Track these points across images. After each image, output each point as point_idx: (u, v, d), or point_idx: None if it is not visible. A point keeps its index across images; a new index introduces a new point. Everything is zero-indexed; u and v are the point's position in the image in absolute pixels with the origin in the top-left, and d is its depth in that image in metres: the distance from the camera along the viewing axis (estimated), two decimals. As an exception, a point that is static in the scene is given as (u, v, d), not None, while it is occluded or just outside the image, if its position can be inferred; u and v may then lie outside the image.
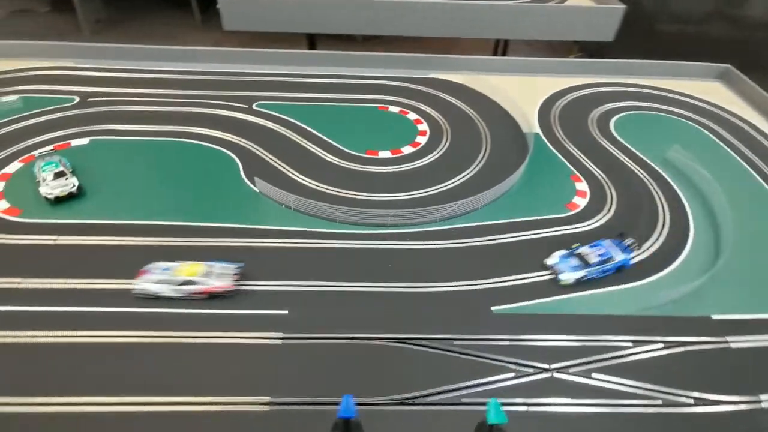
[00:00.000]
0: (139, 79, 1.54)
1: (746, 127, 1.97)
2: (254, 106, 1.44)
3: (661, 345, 0.88)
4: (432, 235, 1.02)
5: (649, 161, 1.40)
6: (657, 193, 1.27)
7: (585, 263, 0.89)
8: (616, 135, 1.47)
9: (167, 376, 0.70)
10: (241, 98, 1.48)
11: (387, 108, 1.48)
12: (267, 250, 0.94)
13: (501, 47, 3.81)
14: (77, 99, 1.41)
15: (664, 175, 1.33)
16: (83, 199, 1.03)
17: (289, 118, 1.36)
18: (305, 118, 1.35)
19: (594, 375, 0.80)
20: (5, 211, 1.00)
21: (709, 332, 0.94)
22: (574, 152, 1.36)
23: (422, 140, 1.32)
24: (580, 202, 1.21)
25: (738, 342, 0.98)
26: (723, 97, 2.20)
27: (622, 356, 0.85)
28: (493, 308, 0.89)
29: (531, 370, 0.80)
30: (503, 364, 0.81)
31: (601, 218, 1.17)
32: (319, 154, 1.20)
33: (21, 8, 4.82)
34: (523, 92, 1.66)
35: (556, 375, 0.80)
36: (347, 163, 1.20)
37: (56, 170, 1.07)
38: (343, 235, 0.99)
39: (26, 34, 4.47)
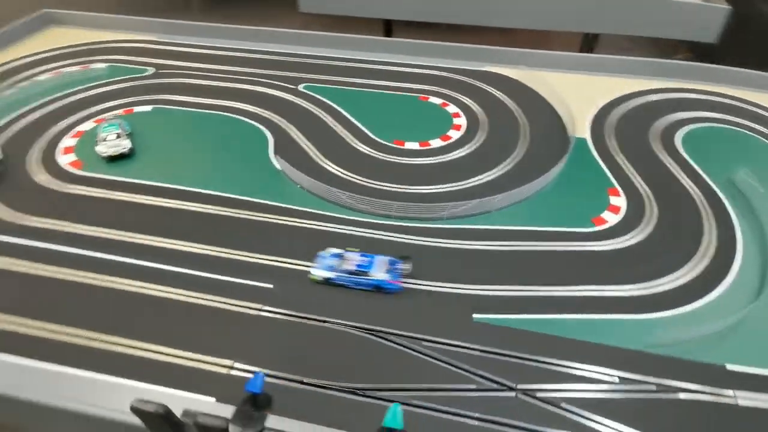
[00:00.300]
0: (206, 55, 1.65)
1: None
2: (300, 87, 1.47)
3: (653, 387, 0.75)
4: (438, 232, 0.98)
5: (711, 183, 1.15)
6: (708, 219, 1.05)
7: (340, 267, 0.92)
8: (680, 149, 1.24)
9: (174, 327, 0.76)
10: (289, 78, 1.52)
11: (428, 98, 1.42)
12: (277, 226, 0.97)
13: (589, 43, 3.43)
14: (152, 70, 1.55)
15: (724, 200, 1.09)
16: (134, 160, 1.15)
17: (327, 101, 1.37)
18: (343, 102, 1.35)
19: (564, 405, 0.71)
20: (71, 164, 1.16)
21: (717, 383, 0.77)
22: (621, 163, 1.17)
23: (455, 134, 1.25)
24: (610, 218, 1.04)
25: (749, 400, 0.79)
26: None
27: (603, 391, 0.74)
28: (474, 315, 0.83)
29: (495, 386, 0.74)
30: (467, 374, 0.76)
31: (627, 239, 1.00)
32: (347, 139, 1.19)
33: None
34: (584, 92, 1.44)
35: (521, 396, 0.72)
36: (371, 150, 1.17)
37: (114, 132, 1.21)
38: (345, 221, 0.99)
39: (140, 9, 5.01)
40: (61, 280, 0.84)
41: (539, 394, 0.69)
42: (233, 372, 0.69)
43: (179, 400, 0.61)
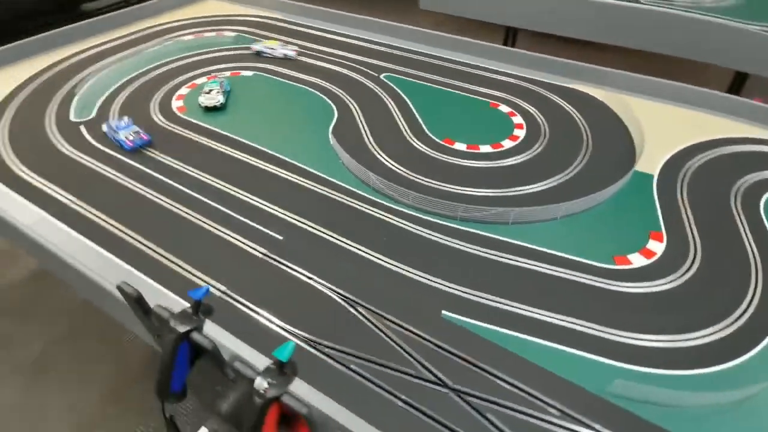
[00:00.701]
0: (315, 36, 1.84)
1: None
2: (381, 76, 1.56)
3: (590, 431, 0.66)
4: (450, 231, 0.98)
5: None
6: (752, 293, 0.83)
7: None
8: (762, 210, 0.98)
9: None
10: (375, 66, 1.62)
11: (498, 105, 1.38)
12: (309, 191, 1.09)
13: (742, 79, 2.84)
14: (296, 48, 1.78)
15: None
16: (224, 113, 1.36)
17: (400, 92, 1.44)
18: (414, 95, 1.39)
19: (488, 414, 0.68)
20: (178, 108, 1.42)
21: None
22: (681, 207, 0.99)
23: (508, 144, 1.20)
24: (637, 261, 0.90)
25: None
26: None
27: (533, 417, 0.68)
28: (444, 312, 0.82)
29: (433, 378, 0.74)
30: (412, 359, 0.77)
31: (645, 286, 0.83)
32: (400, 128, 1.24)
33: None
34: (675, 126, 1.25)
35: (452, 395, 0.71)
36: (418, 143, 1.21)
37: (213, 88, 1.44)
38: (368, 200, 1.06)
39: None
40: (138, 194, 1.07)
41: (469, 399, 0.70)
42: (217, 294, 0.82)
43: (160, 295, 0.75)
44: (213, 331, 0.68)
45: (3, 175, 1.13)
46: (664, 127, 1.28)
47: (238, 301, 0.84)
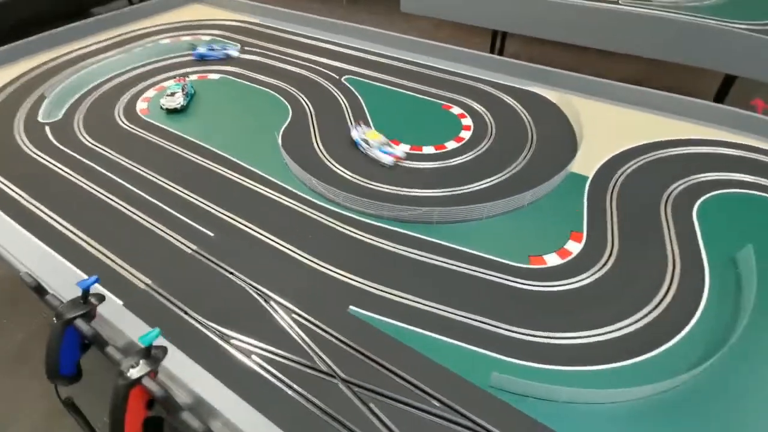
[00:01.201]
0: (287, 39, 1.89)
1: None
2: (342, 79, 1.59)
3: (468, 423, 0.66)
4: (377, 231, 1.00)
5: (705, 258, 0.88)
6: (665, 295, 0.81)
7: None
8: (694, 215, 0.96)
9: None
10: (338, 69, 1.65)
11: (451, 107, 1.40)
12: (247, 189, 1.11)
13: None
14: (239, 46, 1.84)
15: (707, 282, 0.82)
16: (185, 115, 1.41)
17: (357, 93, 1.46)
18: (368, 96, 1.41)
19: (371, 405, 0.70)
20: (141, 110, 1.48)
21: None
22: (608, 209, 0.98)
23: (451, 145, 1.21)
24: (552, 261, 0.90)
25: None
26: None
27: (413, 407, 0.69)
28: (351, 307, 0.84)
29: (325, 369, 0.76)
30: (309, 350, 0.79)
31: (554, 285, 0.84)
32: (351, 133, 1.27)
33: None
34: (625, 128, 1.26)
35: (341, 385, 0.73)
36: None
37: (176, 90, 1.49)
38: (305, 201, 1.09)
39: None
40: (84, 189, 1.12)
41: (356, 390, 0.73)
42: (142, 286, 0.87)
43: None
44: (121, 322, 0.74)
45: (-33, 173, 1.21)
46: (609, 129, 1.29)
47: (160, 294, 0.89)
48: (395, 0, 2.58)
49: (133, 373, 0.56)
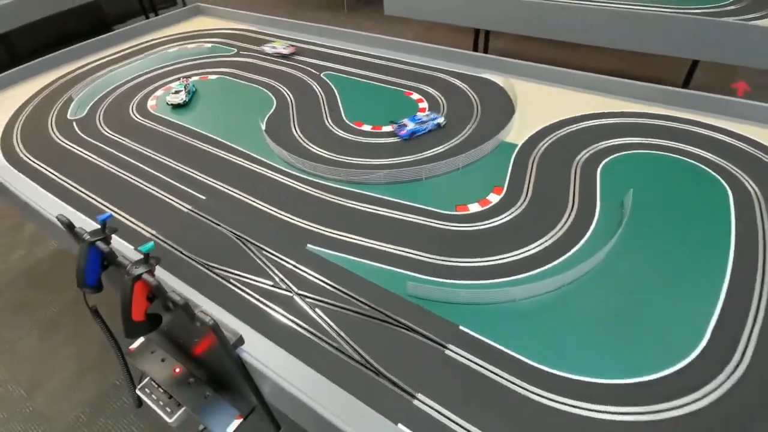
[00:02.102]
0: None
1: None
2: (321, 74, 1.82)
3: (392, 321, 0.84)
4: (333, 191, 1.20)
5: (598, 200, 1.09)
6: (566, 223, 0.98)
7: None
8: (597, 175, 1.14)
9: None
10: (318, 66, 1.89)
11: (411, 94, 1.62)
12: (234, 164, 1.35)
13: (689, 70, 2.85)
14: (235, 51, 2.11)
15: (597, 213, 1.10)
16: (186, 109, 1.67)
17: (333, 86, 1.70)
18: (343, 88, 1.64)
19: (317, 309, 0.89)
20: (151, 106, 1.75)
21: (442, 335, 0.80)
22: (528, 169, 1.16)
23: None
24: (474, 209, 1.09)
25: (455, 354, 0.79)
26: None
27: (348, 310, 0.89)
28: (309, 245, 1.04)
29: (284, 287, 0.97)
30: (274, 275, 1.00)
31: (475, 226, 1.11)
32: (323, 117, 1.49)
33: (313, -16, 6.39)
34: (561, 105, 1.45)
35: (295, 297, 0.93)
36: (334, 127, 1.46)
37: (180, 89, 1.76)
38: (279, 170, 1.31)
39: (309, 6, 5.95)
40: (103, 168, 1.38)
41: (306, 299, 0.96)
42: (148, 235, 1.12)
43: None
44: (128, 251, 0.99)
45: (12, 159, 1.49)
46: (542, 105, 1.49)
47: (162, 240, 1.14)
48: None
49: (136, 271, 0.80)
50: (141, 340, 1.14)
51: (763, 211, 1.05)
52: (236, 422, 0.99)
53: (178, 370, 1.06)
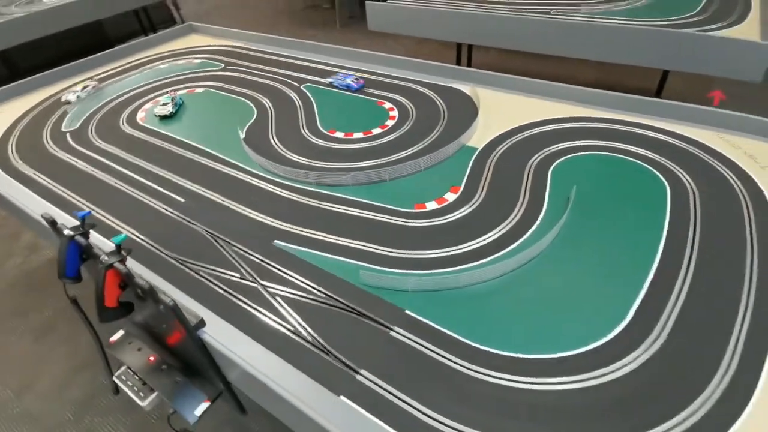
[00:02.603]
0: (262, 58, 2.26)
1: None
2: (302, 87, 1.93)
3: (343, 307, 0.91)
4: (306, 192, 1.28)
5: (546, 195, 1.24)
6: (517, 213, 1.06)
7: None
8: (549, 174, 1.21)
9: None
10: (299, 79, 2.00)
11: (384, 103, 1.72)
12: (214, 170, 1.44)
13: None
14: (222, 65, 2.23)
15: (545, 206, 1.15)
16: (172, 120, 1.78)
17: (311, 97, 1.80)
18: (320, 98, 1.74)
19: (277, 297, 0.97)
20: (140, 118, 1.86)
21: (389, 318, 0.87)
22: (485, 171, 1.24)
23: (376, 131, 1.52)
24: (431, 206, 1.18)
25: (399, 334, 0.85)
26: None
27: (303, 297, 0.95)
28: (275, 241, 1.12)
29: (250, 278, 1.04)
30: (239, 266, 1.08)
31: (430, 222, 1.15)
32: (300, 125, 1.59)
33: (313, 4, 6.60)
34: (516, 111, 1.54)
35: (259, 288, 1.00)
36: (309, 135, 1.55)
37: (167, 101, 1.86)
38: (255, 175, 1.40)
39: (304, 24, 6.14)
40: (92, 175, 1.48)
41: (269, 290, 1.04)
42: (131, 235, 1.20)
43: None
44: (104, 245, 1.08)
45: (5, 167, 1.59)
46: (504, 112, 1.59)
47: (142, 239, 1.23)
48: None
49: (108, 260, 0.89)
50: (121, 332, 1.22)
51: (696, 204, 1.13)
52: (204, 405, 1.06)
53: (152, 358, 1.14)
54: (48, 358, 2.01)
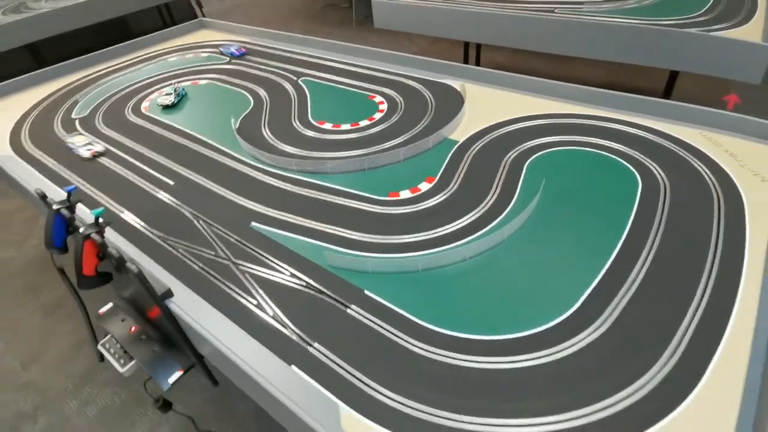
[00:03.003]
0: (265, 52, 2.33)
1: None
2: (299, 80, 1.99)
3: (302, 283, 0.94)
4: (288, 179, 1.32)
5: (519, 187, 1.13)
6: (487, 204, 1.07)
7: None
8: (524, 168, 1.21)
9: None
10: (296, 72, 2.06)
11: (374, 97, 1.75)
12: (207, 157, 1.51)
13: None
14: (227, 59, 2.31)
15: (516, 195, 1.19)
16: (174, 110, 1.86)
17: (306, 90, 1.85)
18: (314, 91, 1.79)
19: (246, 274, 1.01)
20: (144, 107, 1.95)
21: (348, 298, 0.89)
22: (462, 163, 1.24)
23: (363, 123, 1.55)
24: (404, 195, 1.20)
25: (356, 312, 0.87)
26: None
27: (269, 274, 0.99)
28: (252, 223, 1.17)
29: (223, 256, 1.09)
30: (215, 244, 1.13)
31: (403, 209, 1.18)
32: (291, 117, 1.64)
33: (332, 2, 6.71)
34: (501, 107, 1.56)
35: (231, 266, 1.05)
36: (299, 125, 1.60)
37: (170, 92, 1.95)
38: (244, 162, 1.47)
39: (321, 22, 6.24)
40: (95, 159, 1.57)
41: (241, 267, 1.10)
42: (121, 214, 1.28)
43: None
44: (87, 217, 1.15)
45: (18, 151, 1.70)
46: (489, 107, 1.61)
47: (133, 218, 1.30)
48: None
49: (85, 231, 0.96)
50: (110, 305, 1.29)
51: (667, 198, 1.13)
52: (177, 374, 1.13)
53: (133, 329, 1.21)
54: (55, 333, 2.13)
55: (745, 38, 1.75)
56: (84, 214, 1.20)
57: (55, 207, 1.02)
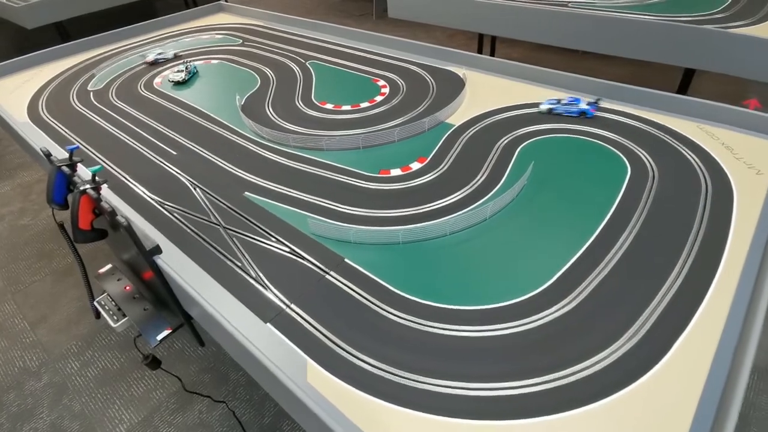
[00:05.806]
0: (277, 36, 2.37)
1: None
2: (307, 63, 2.02)
3: (286, 250, 0.97)
4: (288, 155, 1.37)
5: (507, 170, 1.13)
6: (477, 181, 1.07)
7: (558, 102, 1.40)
8: (515, 153, 1.20)
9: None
10: (305, 56, 2.09)
11: (378, 81, 1.77)
12: (210, 131, 1.56)
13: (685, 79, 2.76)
14: (241, 41, 2.37)
15: (505, 175, 1.21)
16: (184, 86, 1.92)
17: (313, 72, 1.88)
18: (320, 73, 1.82)
19: (234, 239, 1.05)
20: (156, 83, 2.01)
21: (329, 264, 0.97)
22: (455, 145, 1.25)
23: (364, 105, 1.57)
24: (395, 173, 1.21)
25: (334, 279, 0.89)
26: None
27: (258, 240, 1.03)
28: (246, 193, 1.21)
29: (214, 221, 1.13)
30: (208, 210, 1.18)
31: (397, 186, 1.20)
32: (295, 97, 1.67)
33: (353, -6, 6.72)
34: (500, 94, 1.58)
35: (221, 230, 1.09)
36: (301, 105, 1.64)
37: (182, 69, 2.01)
38: (248, 138, 1.50)
39: (341, 13, 6.28)
40: (106, 130, 1.64)
41: (229, 232, 1.14)
42: (124, 180, 1.34)
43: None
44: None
45: (36, 119, 1.78)
46: (487, 93, 1.61)
47: (132, 183, 1.35)
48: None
49: (83, 187, 1.01)
50: (109, 266, 1.35)
51: (654, 185, 1.13)
52: (165, 332, 1.18)
53: (128, 288, 1.26)
54: (63, 298, 2.22)
55: (755, 35, 1.72)
56: (84, 173, 1.25)
57: (56, 164, 1.08)
